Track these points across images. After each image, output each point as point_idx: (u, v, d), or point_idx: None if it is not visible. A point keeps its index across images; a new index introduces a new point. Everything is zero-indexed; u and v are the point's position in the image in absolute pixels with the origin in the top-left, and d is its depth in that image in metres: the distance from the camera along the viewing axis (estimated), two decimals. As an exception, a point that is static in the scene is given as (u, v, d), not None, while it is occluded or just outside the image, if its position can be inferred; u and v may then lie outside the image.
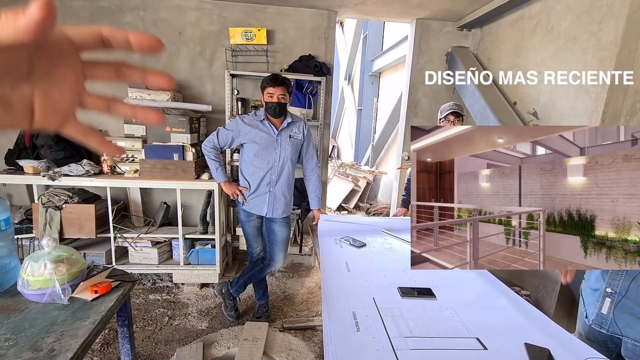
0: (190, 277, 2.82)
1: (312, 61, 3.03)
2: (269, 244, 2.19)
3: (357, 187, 5.62)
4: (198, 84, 3.12)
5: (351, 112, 8.89)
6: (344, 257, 1.74)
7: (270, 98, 1.96)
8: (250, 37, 2.91)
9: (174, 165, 2.62)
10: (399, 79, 6.12)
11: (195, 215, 3.16)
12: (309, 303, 2.69)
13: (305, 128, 2.15)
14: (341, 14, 3.30)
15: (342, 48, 9.82)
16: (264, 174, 2.07)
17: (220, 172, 2.17)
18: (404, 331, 1.12)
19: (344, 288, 1.43)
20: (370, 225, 2.23)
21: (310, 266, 3.29)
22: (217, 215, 2.73)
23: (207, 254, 2.86)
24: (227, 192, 2.17)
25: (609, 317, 1.08)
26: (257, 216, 2.17)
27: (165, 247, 2.93)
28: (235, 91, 3.06)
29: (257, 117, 2.07)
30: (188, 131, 2.62)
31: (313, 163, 2.22)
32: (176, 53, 3.06)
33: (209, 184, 2.67)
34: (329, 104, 3.28)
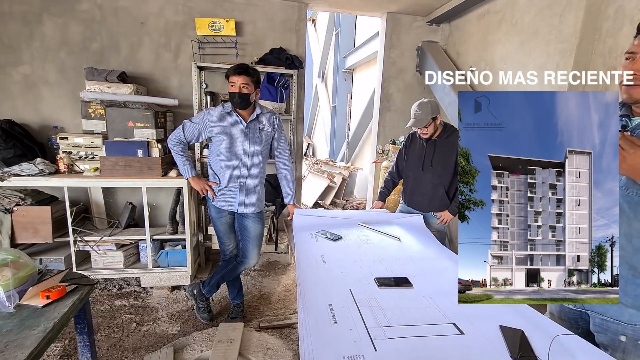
0: (160, 280, 2.67)
1: (283, 54, 2.96)
2: (242, 241, 2.11)
3: (333, 183, 5.61)
4: (163, 77, 2.97)
5: (325, 110, 8.89)
6: (319, 251, 1.70)
7: (232, 87, 1.88)
8: (218, 28, 2.80)
9: (139, 163, 2.47)
10: (372, 75, 6.17)
11: (164, 214, 3.01)
12: (286, 301, 2.63)
13: (276, 120, 2.08)
14: (312, 6, 3.25)
15: (314, 45, 9.78)
16: (233, 168, 1.98)
17: (187, 167, 2.06)
18: (381, 321, 1.10)
19: (319, 281, 1.39)
20: (346, 219, 2.20)
21: (286, 264, 3.23)
22: (187, 214, 2.61)
23: (177, 255, 2.73)
24: (195, 187, 2.07)
25: (577, 295, 1.11)
26: (229, 212, 2.08)
27: (132, 250, 2.77)
28: (203, 84, 2.94)
29: (224, 109, 1.98)
30: (153, 126, 2.48)
31: (285, 157, 2.16)
32: (138, 44, 2.89)
33: (177, 181, 2.54)
34: (302, 98, 3.23)
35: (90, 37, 2.81)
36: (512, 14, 2.47)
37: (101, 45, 2.84)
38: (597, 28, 1.90)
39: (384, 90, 3.45)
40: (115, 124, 2.52)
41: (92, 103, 2.63)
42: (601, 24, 1.88)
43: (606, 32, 1.86)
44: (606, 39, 1.86)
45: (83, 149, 2.59)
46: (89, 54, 2.82)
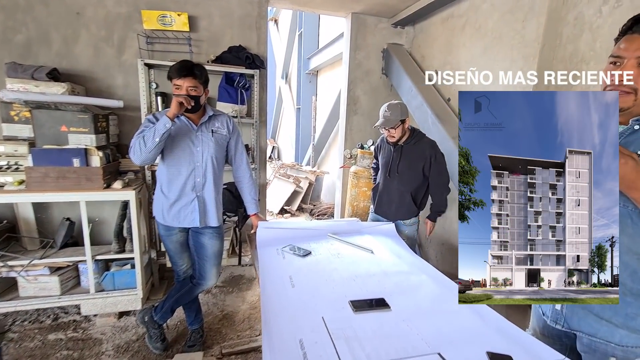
0: (104, 307, 2.34)
1: (243, 52, 2.75)
2: (198, 260, 1.87)
3: (299, 188, 5.45)
4: (105, 75, 2.63)
5: (290, 112, 8.70)
6: (287, 270, 1.54)
7: (177, 90, 1.63)
8: (169, 22, 2.53)
9: (75, 173, 2.13)
10: (337, 77, 6.10)
11: (110, 230, 2.66)
12: (252, 320, 2.42)
13: (230, 123, 1.87)
14: (273, 3, 3.08)
15: (277, 45, 9.57)
16: (187, 177, 1.74)
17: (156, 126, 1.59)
18: (359, 356, 0.96)
19: (288, 309, 1.23)
20: (314, 230, 2.06)
21: (251, 278, 3.01)
22: (136, 229, 2.31)
23: (125, 276, 2.41)
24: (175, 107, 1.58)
25: (564, 313, 1.05)
26: (180, 229, 1.83)
27: (70, 273, 2.41)
28: (153, 84, 2.64)
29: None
30: (92, 131, 2.16)
31: (244, 163, 1.96)
32: (74, 37, 2.53)
33: (123, 193, 2.24)
34: (264, 100, 3.04)
35: (12, 27, 2.41)
36: (476, 18, 2.47)
37: (27, 38, 2.44)
38: (558, 34, 1.92)
39: (350, 93, 3.35)
40: (44, 128, 2.16)
41: (15, 104, 2.24)
42: (562, 30, 1.90)
43: (567, 38, 1.88)
44: (567, 44, 1.89)
45: (4, 158, 2.20)
46: (11, 47, 2.42)
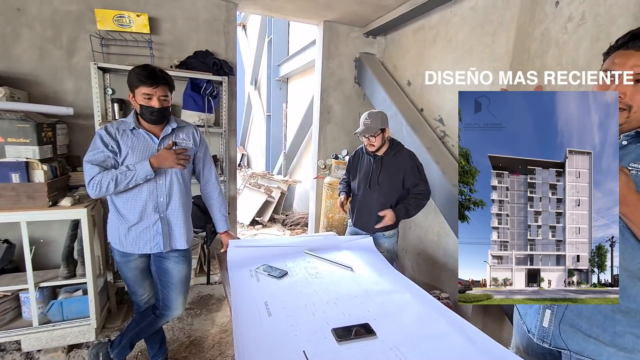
0: (51, 340, 2.06)
1: (210, 58, 2.59)
2: (161, 288, 1.67)
3: (271, 198, 5.29)
4: (52, 79, 2.36)
5: (260, 119, 8.51)
6: (262, 295, 1.41)
7: (147, 100, 1.47)
8: (127, 23, 2.32)
9: (13, 190, 1.86)
10: (308, 84, 6.03)
11: (57, 253, 2.37)
12: (222, 345, 2.24)
13: (197, 134, 1.72)
14: (242, 7, 2.95)
15: (246, 51, 9.37)
16: (147, 197, 1.55)
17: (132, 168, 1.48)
18: (347, 398, 0.86)
19: (264, 343, 1.10)
20: (290, 247, 1.93)
21: (221, 297, 2.81)
22: (89, 250, 2.06)
23: (75, 304, 2.15)
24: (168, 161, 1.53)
25: (550, 330, 1.02)
26: (139, 255, 1.64)
27: (9, 304, 2.11)
28: (108, 90, 2.41)
29: (125, 124, 1.55)
30: (35, 142, 1.90)
31: (213, 177, 1.80)
32: (14, 37, 2.25)
33: (72, 211, 1.99)
34: (234, 108, 2.89)
35: (-64, 22, 2.10)
36: (447, 30, 2.51)
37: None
38: (526, 49, 1.98)
39: (323, 102, 3.29)
40: (-25, 139, 1.87)
41: (-61, 111, 1.93)
42: (529, 45, 1.96)
43: (534, 53, 1.94)
44: (534, 59, 1.94)
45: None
46: None
